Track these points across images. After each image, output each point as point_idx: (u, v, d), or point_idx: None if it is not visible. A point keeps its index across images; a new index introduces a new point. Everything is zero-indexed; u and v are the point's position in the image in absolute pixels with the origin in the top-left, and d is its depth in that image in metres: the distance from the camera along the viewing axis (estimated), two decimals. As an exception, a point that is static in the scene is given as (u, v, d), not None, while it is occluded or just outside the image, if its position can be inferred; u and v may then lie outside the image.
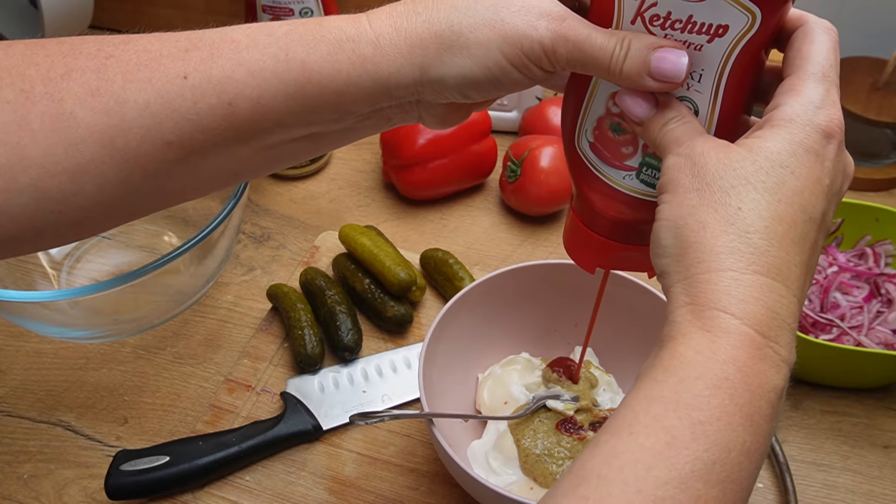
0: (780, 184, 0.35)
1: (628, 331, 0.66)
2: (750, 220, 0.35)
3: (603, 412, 0.62)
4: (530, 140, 0.83)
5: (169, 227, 0.81)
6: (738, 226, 0.35)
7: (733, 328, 0.34)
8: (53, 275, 0.77)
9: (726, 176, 0.36)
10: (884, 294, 0.71)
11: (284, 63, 0.39)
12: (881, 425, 0.68)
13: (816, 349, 0.65)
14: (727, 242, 0.35)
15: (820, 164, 0.36)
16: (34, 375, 0.72)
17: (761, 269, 0.34)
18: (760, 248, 0.35)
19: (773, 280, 0.34)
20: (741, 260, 0.34)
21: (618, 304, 0.66)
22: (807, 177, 0.36)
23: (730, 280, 0.34)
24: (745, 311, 0.34)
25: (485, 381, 0.65)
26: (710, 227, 0.35)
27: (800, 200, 0.36)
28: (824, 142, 0.36)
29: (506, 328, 0.68)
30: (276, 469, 0.65)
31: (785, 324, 0.35)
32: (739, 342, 0.33)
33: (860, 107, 0.84)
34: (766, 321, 0.34)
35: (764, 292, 0.34)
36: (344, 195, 0.88)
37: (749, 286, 0.34)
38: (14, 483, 0.64)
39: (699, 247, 0.35)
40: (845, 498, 0.64)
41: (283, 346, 0.73)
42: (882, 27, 0.93)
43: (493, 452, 0.61)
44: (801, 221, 0.35)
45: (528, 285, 0.66)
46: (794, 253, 0.35)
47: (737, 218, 0.35)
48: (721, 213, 0.35)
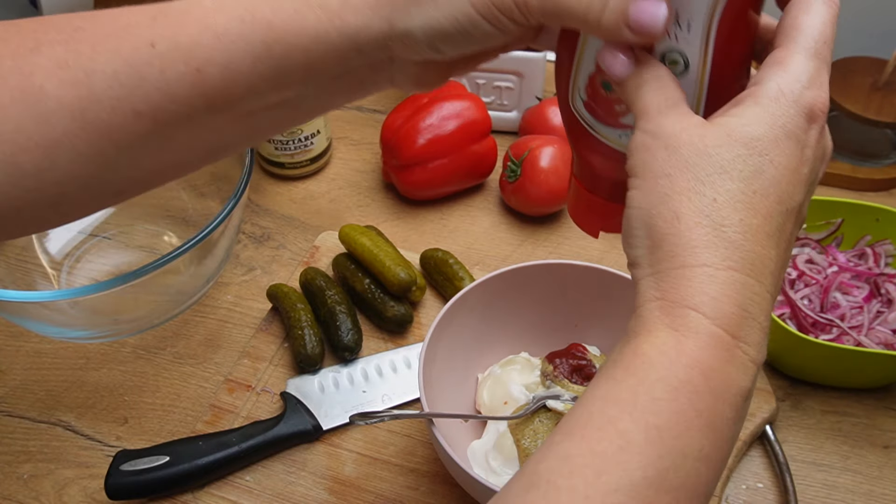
0: (757, 173, 0.34)
1: None
2: (725, 212, 0.33)
3: None
4: (530, 140, 0.83)
5: (169, 227, 0.81)
6: (714, 218, 0.33)
7: (703, 328, 0.33)
8: (53, 275, 0.77)
9: (701, 163, 0.34)
10: (884, 294, 0.71)
11: (250, 25, 0.37)
12: (881, 425, 0.68)
13: (816, 349, 0.65)
14: (702, 236, 0.33)
15: (800, 151, 0.35)
16: (34, 375, 0.72)
17: (736, 264, 0.33)
18: (735, 242, 0.33)
19: (747, 276, 0.33)
20: (716, 255, 0.33)
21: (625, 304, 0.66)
22: (786, 166, 0.34)
23: (704, 277, 0.33)
24: (716, 310, 0.33)
25: (485, 381, 0.65)
26: (684, 219, 0.34)
27: (777, 191, 0.34)
28: (807, 126, 0.35)
29: (506, 328, 0.68)
30: (276, 469, 0.65)
31: (756, 322, 0.34)
32: (707, 343, 0.32)
33: (860, 107, 0.84)
34: (737, 320, 0.33)
35: (737, 290, 0.33)
36: (344, 195, 0.88)
37: (723, 283, 0.33)
38: (14, 483, 0.64)
39: (673, 239, 0.34)
40: (845, 498, 0.64)
41: (283, 346, 0.73)
42: (882, 27, 0.93)
43: (492, 452, 0.61)
44: (777, 213, 0.34)
45: (528, 285, 0.66)
46: (769, 247, 0.34)
47: (712, 210, 0.33)
48: (696, 203, 0.34)
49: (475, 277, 0.74)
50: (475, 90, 0.91)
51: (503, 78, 0.90)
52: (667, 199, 0.34)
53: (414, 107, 0.84)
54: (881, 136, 0.88)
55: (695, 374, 0.32)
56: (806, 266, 0.73)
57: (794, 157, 0.34)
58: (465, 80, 0.90)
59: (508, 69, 0.89)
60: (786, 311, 0.70)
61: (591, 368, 0.64)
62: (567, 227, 0.85)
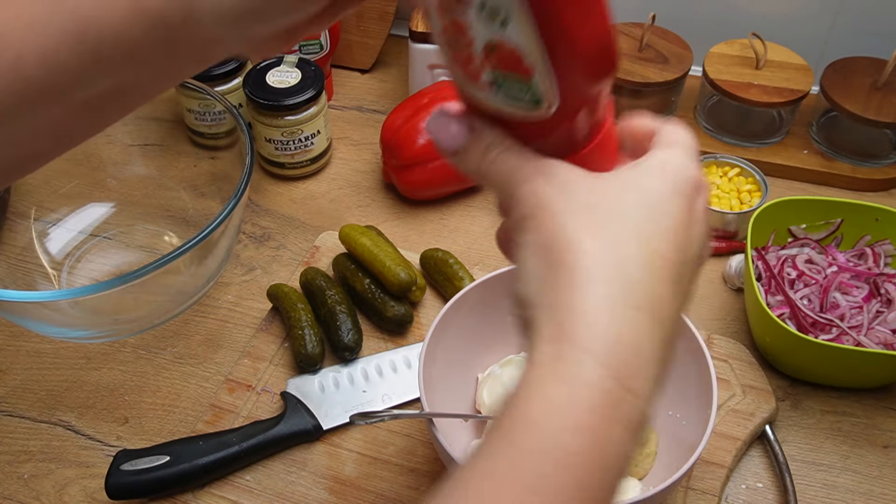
0: (654, 220, 0.33)
1: None
2: (629, 251, 0.32)
3: None
4: None
5: (169, 227, 0.81)
6: (617, 254, 0.32)
7: (596, 382, 0.30)
8: (54, 275, 0.77)
9: (600, 205, 0.33)
10: (883, 294, 0.71)
11: (61, 13, 0.35)
12: (881, 425, 0.68)
13: (816, 349, 0.65)
14: (603, 270, 0.31)
15: (690, 210, 0.35)
16: (34, 375, 0.72)
17: (637, 302, 0.31)
18: (640, 281, 0.32)
19: (648, 317, 0.32)
20: (618, 290, 0.31)
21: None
22: (679, 219, 0.34)
23: (602, 313, 0.31)
24: (613, 356, 0.30)
25: (485, 381, 0.65)
26: (586, 251, 0.32)
27: (675, 239, 0.34)
28: (695, 192, 0.35)
29: (506, 328, 0.68)
30: (276, 469, 0.65)
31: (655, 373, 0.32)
32: (601, 403, 0.30)
33: (860, 107, 0.84)
34: (636, 370, 0.31)
35: (636, 330, 0.31)
36: (344, 195, 0.88)
37: (623, 323, 0.31)
38: (14, 483, 0.64)
39: (573, 268, 0.32)
40: (845, 498, 0.64)
41: (283, 345, 0.73)
42: (882, 27, 0.93)
43: None
44: (677, 262, 0.33)
45: None
46: (670, 292, 0.33)
47: (615, 246, 0.32)
48: (599, 238, 0.32)
49: (475, 277, 0.74)
50: None
51: None
52: (567, 230, 0.33)
53: (414, 107, 0.84)
54: (881, 136, 0.88)
55: (583, 442, 0.29)
56: (805, 266, 0.73)
57: (686, 213, 0.34)
58: None
59: None
60: (785, 311, 0.70)
61: None
62: (567, 228, 0.85)
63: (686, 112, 0.95)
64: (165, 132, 0.84)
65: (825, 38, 0.96)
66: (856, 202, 0.74)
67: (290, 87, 0.83)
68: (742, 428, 0.65)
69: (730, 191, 0.83)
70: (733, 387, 0.68)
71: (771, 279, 0.72)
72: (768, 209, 0.73)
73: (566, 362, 0.30)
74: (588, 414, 0.30)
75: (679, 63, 0.90)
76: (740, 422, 0.66)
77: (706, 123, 0.93)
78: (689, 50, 0.91)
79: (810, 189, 0.89)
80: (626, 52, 0.91)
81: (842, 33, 0.95)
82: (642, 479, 0.60)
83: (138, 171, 0.82)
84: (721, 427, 0.65)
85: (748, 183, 0.83)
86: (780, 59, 0.90)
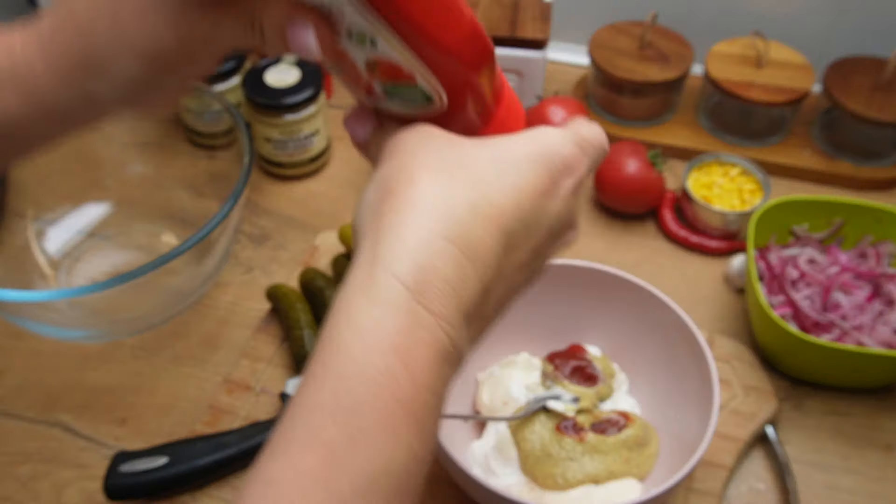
0: (502, 175, 0.34)
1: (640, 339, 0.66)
2: (459, 191, 0.33)
3: (604, 414, 0.62)
4: None
5: (168, 227, 0.81)
6: (449, 193, 0.33)
7: (403, 304, 0.31)
8: (52, 275, 0.77)
9: (454, 153, 0.34)
10: (885, 294, 0.70)
11: None
12: (883, 426, 0.68)
13: (818, 349, 0.64)
14: (429, 203, 0.32)
15: (552, 185, 0.35)
16: (32, 376, 0.71)
17: (455, 238, 0.32)
18: (462, 219, 0.32)
19: (461, 254, 0.32)
20: (438, 222, 0.32)
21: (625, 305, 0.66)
22: (531, 183, 0.34)
23: (417, 240, 0.32)
24: (420, 282, 0.31)
25: (485, 382, 0.65)
26: (418, 184, 0.33)
27: (517, 197, 0.34)
28: (563, 171, 0.36)
29: (506, 328, 0.67)
30: (275, 470, 0.64)
31: (462, 304, 0.32)
32: (407, 324, 0.31)
33: (860, 106, 0.84)
34: (441, 297, 0.32)
35: (447, 263, 0.32)
36: (344, 195, 0.88)
37: (434, 252, 0.32)
38: (12, 484, 0.64)
39: (400, 197, 0.33)
40: (847, 499, 0.64)
41: (282, 346, 0.72)
42: (884, 26, 0.92)
43: (492, 453, 0.61)
44: (514, 218, 0.34)
45: None
46: (495, 241, 0.33)
47: (450, 186, 0.33)
48: (436, 177, 0.33)
49: (475, 277, 0.74)
50: None
51: None
52: (408, 167, 0.34)
53: None
54: (882, 135, 0.87)
55: (394, 361, 0.30)
56: (807, 266, 0.72)
57: (542, 180, 0.35)
58: None
59: (508, 68, 0.88)
60: (787, 312, 0.70)
61: (592, 369, 0.63)
62: (567, 227, 0.85)
63: (687, 111, 0.94)
64: (163, 131, 0.83)
65: (827, 37, 0.96)
66: (858, 202, 0.74)
67: (288, 87, 0.83)
68: (743, 429, 0.65)
69: (731, 190, 0.83)
70: (735, 387, 0.68)
71: (773, 279, 0.72)
72: (770, 209, 0.73)
73: (377, 286, 0.31)
74: (395, 335, 0.31)
75: (680, 62, 0.89)
76: (742, 422, 0.66)
77: (707, 123, 0.92)
78: (690, 49, 0.91)
79: (812, 189, 0.89)
80: (627, 51, 0.90)
81: (844, 32, 0.95)
82: (643, 480, 0.60)
83: (136, 170, 0.82)
84: (722, 428, 0.65)
85: (750, 182, 0.83)
86: (782, 58, 0.89)
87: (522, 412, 0.61)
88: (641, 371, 0.66)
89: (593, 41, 0.92)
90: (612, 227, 0.85)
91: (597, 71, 0.91)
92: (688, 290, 0.79)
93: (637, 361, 0.66)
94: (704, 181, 0.84)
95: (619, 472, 0.59)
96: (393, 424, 0.30)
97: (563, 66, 1.02)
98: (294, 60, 0.85)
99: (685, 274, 0.80)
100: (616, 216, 0.86)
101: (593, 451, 0.59)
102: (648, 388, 0.65)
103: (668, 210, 0.84)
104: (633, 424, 0.61)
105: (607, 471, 0.59)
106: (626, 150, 0.82)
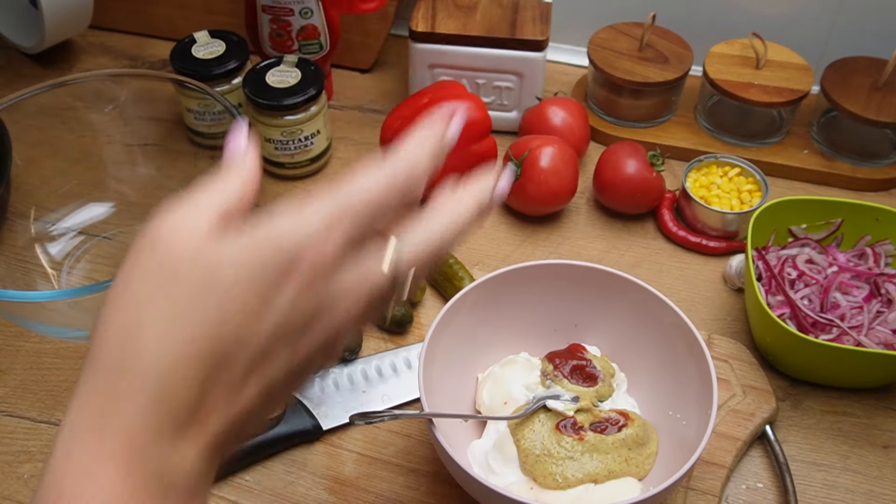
0: (203, 291, 0.32)
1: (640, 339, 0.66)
2: (152, 315, 0.32)
3: (604, 413, 0.62)
4: (530, 140, 0.83)
5: (169, 227, 0.81)
6: (137, 322, 0.32)
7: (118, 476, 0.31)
8: (53, 275, 0.77)
9: (167, 261, 0.32)
10: (884, 294, 0.71)
11: None
12: (881, 425, 0.68)
13: (816, 349, 0.65)
14: (117, 340, 0.32)
15: (271, 288, 0.32)
16: (34, 375, 0.72)
17: (140, 379, 0.31)
18: (147, 351, 0.31)
19: (148, 405, 0.31)
20: (124, 369, 0.31)
21: (625, 304, 0.66)
22: (239, 297, 0.32)
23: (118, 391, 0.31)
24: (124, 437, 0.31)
25: (484, 382, 0.65)
26: (111, 320, 0.32)
27: (219, 316, 0.31)
28: (290, 268, 0.32)
29: (505, 328, 0.68)
30: (276, 469, 0.65)
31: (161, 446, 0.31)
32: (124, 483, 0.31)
33: (860, 107, 0.84)
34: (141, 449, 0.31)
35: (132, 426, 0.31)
36: (344, 195, 0.88)
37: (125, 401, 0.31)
38: (14, 483, 0.64)
39: (100, 340, 0.32)
40: (845, 498, 0.64)
41: (283, 346, 0.73)
42: (882, 27, 0.93)
43: (492, 453, 0.61)
44: (210, 337, 0.31)
45: (527, 285, 0.66)
46: (191, 367, 0.31)
47: (140, 311, 0.32)
48: (126, 298, 0.33)
49: (475, 277, 0.74)
50: (475, 90, 0.91)
51: (503, 78, 0.90)
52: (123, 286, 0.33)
53: (414, 107, 0.84)
54: (881, 136, 0.88)
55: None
56: (806, 266, 0.73)
57: (259, 293, 0.32)
58: (465, 80, 0.90)
59: (508, 69, 0.89)
60: (786, 311, 0.70)
61: (591, 368, 0.64)
62: (567, 227, 0.85)
63: (686, 112, 0.95)
64: (165, 132, 0.83)
65: (825, 38, 0.96)
66: (856, 202, 0.74)
67: (289, 87, 0.83)
68: (742, 428, 0.65)
69: (730, 191, 0.83)
70: (733, 387, 0.68)
71: (771, 279, 0.72)
72: (769, 209, 0.73)
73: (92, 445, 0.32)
74: None
75: (679, 63, 0.90)
76: (740, 422, 0.66)
77: (706, 123, 0.93)
78: (689, 50, 0.91)
79: (810, 189, 0.89)
80: (627, 52, 0.91)
81: (842, 33, 0.95)
82: (643, 479, 0.60)
83: (138, 170, 0.82)
84: (721, 427, 0.65)
85: (749, 183, 0.83)
86: (781, 58, 0.90)
87: (522, 411, 0.61)
88: (641, 371, 0.66)
89: (592, 42, 0.92)
90: (611, 227, 0.85)
91: (596, 72, 0.91)
92: (687, 289, 0.79)
93: (636, 361, 0.67)
94: (703, 181, 0.84)
95: (618, 472, 0.59)
96: None
97: (563, 66, 1.02)
98: (295, 61, 0.86)
99: (684, 274, 0.80)
100: (615, 216, 0.86)
101: (593, 450, 0.59)
102: (648, 388, 0.66)
103: (668, 210, 0.84)
104: (632, 424, 0.61)
105: (607, 470, 0.59)
106: (625, 150, 0.83)
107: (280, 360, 0.34)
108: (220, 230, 0.33)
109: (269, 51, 0.92)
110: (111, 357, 0.32)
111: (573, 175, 0.82)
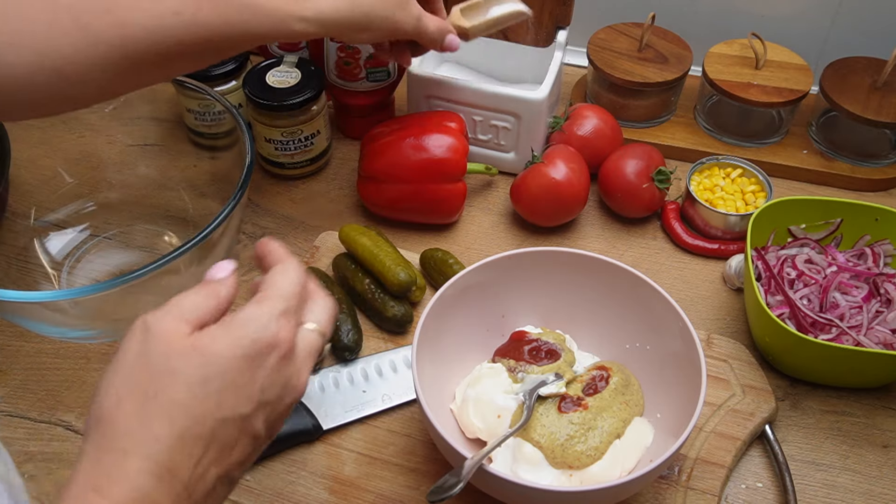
0: (204, 381, 0.39)
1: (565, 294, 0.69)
2: (159, 408, 0.39)
3: (586, 375, 0.64)
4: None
5: (169, 227, 0.81)
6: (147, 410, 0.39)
7: None
8: (54, 275, 0.77)
9: (161, 361, 0.39)
10: (883, 294, 0.71)
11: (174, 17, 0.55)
12: (880, 425, 0.68)
13: (816, 349, 0.65)
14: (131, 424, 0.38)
15: (253, 370, 0.41)
16: (35, 375, 0.72)
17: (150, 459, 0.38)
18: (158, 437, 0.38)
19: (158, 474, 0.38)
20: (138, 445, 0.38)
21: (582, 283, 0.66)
22: (233, 380, 0.40)
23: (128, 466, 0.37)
24: None
25: (465, 408, 0.64)
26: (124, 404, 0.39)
27: (218, 399, 0.39)
28: (266, 351, 0.41)
29: (451, 356, 0.66)
30: (276, 469, 0.65)
31: None
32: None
33: (859, 107, 0.84)
34: None
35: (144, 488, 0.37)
36: (344, 195, 0.88)
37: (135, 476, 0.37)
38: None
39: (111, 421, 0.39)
40: (845, 497, 0.64)
41: (283, 345, 0.73)
42: (881, 27, 0.93)
43: (518, 465, 0.60)
44: (212, 419, 0.39)
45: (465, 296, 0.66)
46: (193, 446, 0.39)
47: (148, 403, 0.39)
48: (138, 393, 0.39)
49: (475, 277, 0.74)
50: (472, 126, 0.86)
51: (500, 118, 0.85)
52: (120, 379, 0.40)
53: (402, 124, 0.82)
54: (880, 135, 0.88)
55: None
56: (805, 266, 0.73)
57: (246, 374, 0.40)
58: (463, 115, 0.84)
59: (506, 109, 0.84)
60: (785, 311, 0.70)
61: (545, 345, 0.65)
62: (568, 227, 0.85)
63: (686, 112, 0.95)
64: (165, 132, 0.84)
65: (824, 38, 0.96)
66: (855, 202, 0.74)
67: (290, 87, 0.83)
68: (742, 428, 0.66)
69: (734, 192, 0.83)
70: (733, 386, 0.68)
71: (770, 279, 0.72)
72: (768, 209, 0.73)
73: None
74: None
75: (679, 63, 0.90)
76: (740, 421, 0.66)
77: (706, 123, 0.93)
78: (688, 50, 0.91)
79: (810, 189, 0.89)
80: (626, 53, 0.91)
81: (841, 33, 0.95)
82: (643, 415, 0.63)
83: (138, 171, 0.82)
84: (721, 427, 0.66)
85: (751, 184, 0.83)
86: (780, 58, 0.90)
87: (525, 413, 0.60)
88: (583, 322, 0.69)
89: (592, 42, 0.92)
90: (611, 226, 0.85)
91: (595, 72, 0.91)
92: (686, 289, 0.79)
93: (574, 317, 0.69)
94: (706, 184, 0.84)
95: (627, 417, 0.61)
96: None
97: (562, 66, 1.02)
98: (295, 61, 0.86)
99: (684, 274, 0.81)
100: (616, 216, 0.86)
101: (600, 411, 0.61)
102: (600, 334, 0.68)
103: (676, 221, 0.83)
104: (613, 371, 0.63)
105: (620, 420, 0.61)
106: (629, 154, 0.82)
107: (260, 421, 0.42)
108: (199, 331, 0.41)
109: (335, 80, 0.89)
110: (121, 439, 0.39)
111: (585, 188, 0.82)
